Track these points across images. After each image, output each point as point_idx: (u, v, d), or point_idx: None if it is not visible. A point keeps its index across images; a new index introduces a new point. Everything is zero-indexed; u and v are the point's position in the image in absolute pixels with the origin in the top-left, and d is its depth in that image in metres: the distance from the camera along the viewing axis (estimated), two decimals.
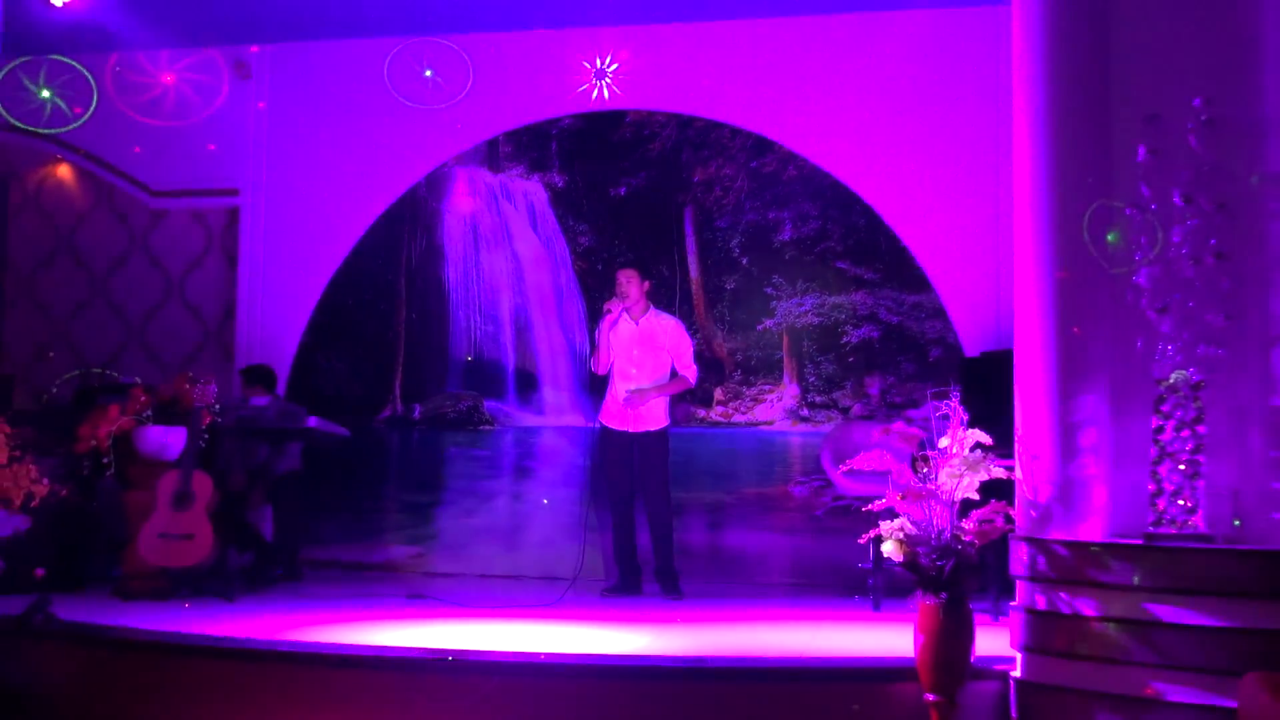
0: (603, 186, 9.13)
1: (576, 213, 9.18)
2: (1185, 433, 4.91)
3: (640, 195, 9.05)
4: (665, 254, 8.75)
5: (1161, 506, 4.95)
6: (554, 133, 9.21)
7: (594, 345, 7.70)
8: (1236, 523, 4.91)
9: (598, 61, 8.98)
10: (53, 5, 7.23)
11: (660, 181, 9.01)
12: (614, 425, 7.65)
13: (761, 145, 8.79)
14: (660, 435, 7.64)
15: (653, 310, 7.74)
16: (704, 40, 8.82)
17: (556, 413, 9.16)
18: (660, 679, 5.36)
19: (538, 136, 9.24)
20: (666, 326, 7.71)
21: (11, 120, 8.94)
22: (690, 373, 7.69)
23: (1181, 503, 4.91)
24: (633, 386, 7.54)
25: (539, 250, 9.26)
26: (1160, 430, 4.97)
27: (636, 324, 7.64)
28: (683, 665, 5.45)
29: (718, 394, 8.64)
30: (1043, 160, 5.37)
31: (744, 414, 8.76)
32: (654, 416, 7.62)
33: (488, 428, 9.22)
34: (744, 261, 8.81)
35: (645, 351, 7.60)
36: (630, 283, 7.64)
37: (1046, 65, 5.40)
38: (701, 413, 8.63)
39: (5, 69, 8.28)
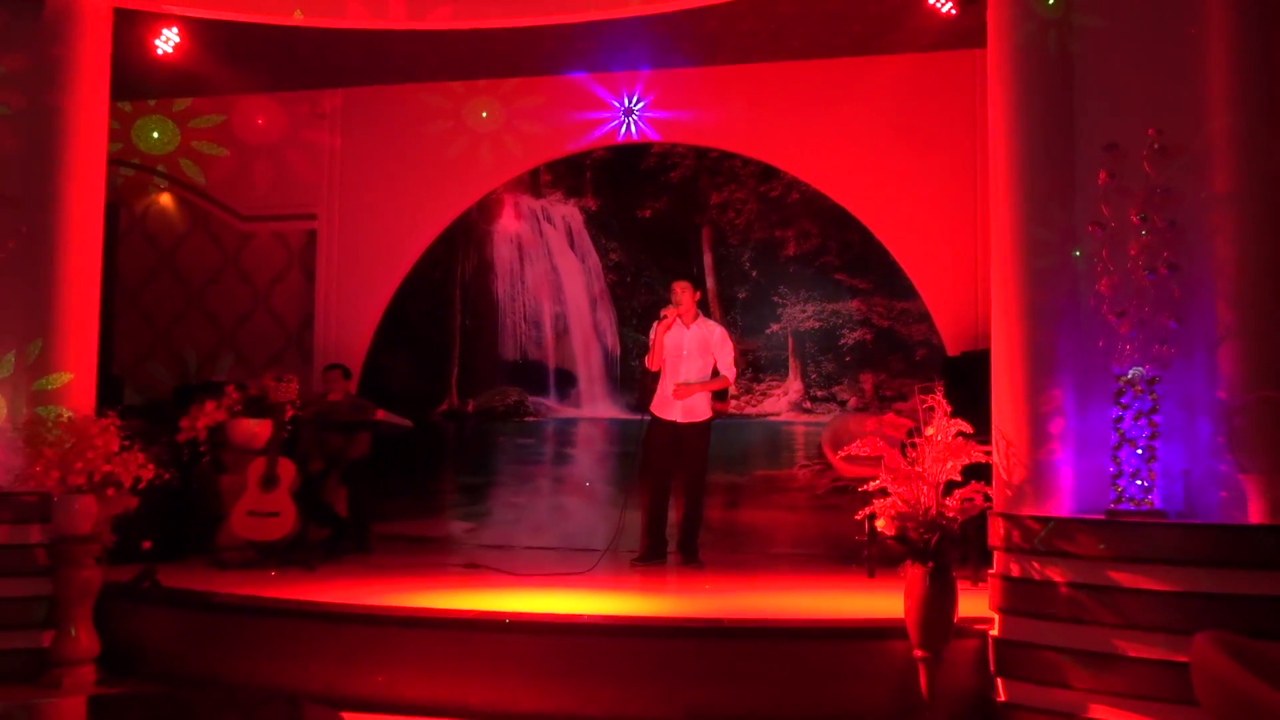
0: (630, 209, 9.13)
1: (607, 232, 9.18)
2: (1142, 421, 4.91)
3: (663, 217, 9.05)
4: (685, 268, 8.73)
5: (1121, 486, 4.95)
6: (588, 163, 9.22)
7: (650, 346, 7.65)
8: None
9: (626, 101, 8.99)
10: (154, 56, 7.25)
11: (680, 205, 9.00)
12: (663, 415, 7.61)
13: (769, 172, 8.78)
14: (705, 425, 7.59)
15: (701, 317, 7.69)
16: (718, 82, 8.81)
17: (591, 406, 9.16)
18: (683, 637, 5.37)
19: (573, 166, 9.25)
20: (713, 332, 7.64)
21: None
22: (731, 373, 7.63)
23: (1139, 483, 4.90)
24: (681, 381, 7.52)
25: (575, 265, 9.27)
26: (1120, 419, 4.96)
27: (687, 329, 7.60)
28: (703, 625, 5.44)
29: (731, 389, 8.63)
30: (1015, 183, 5.35)
31: (755, 407, 8.75)
32: (699, 409, 7.58)
33: (531, 419, 9.23)
34: (754, 274, 8.80)
35: (693, 353, 7.56)
36: (684, 292, 7.58)
37: (1017, 101, 5.39)
38: (717, 406, 8.61)
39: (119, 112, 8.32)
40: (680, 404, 7.51)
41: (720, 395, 8.19)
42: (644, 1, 6.81)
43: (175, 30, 7.13)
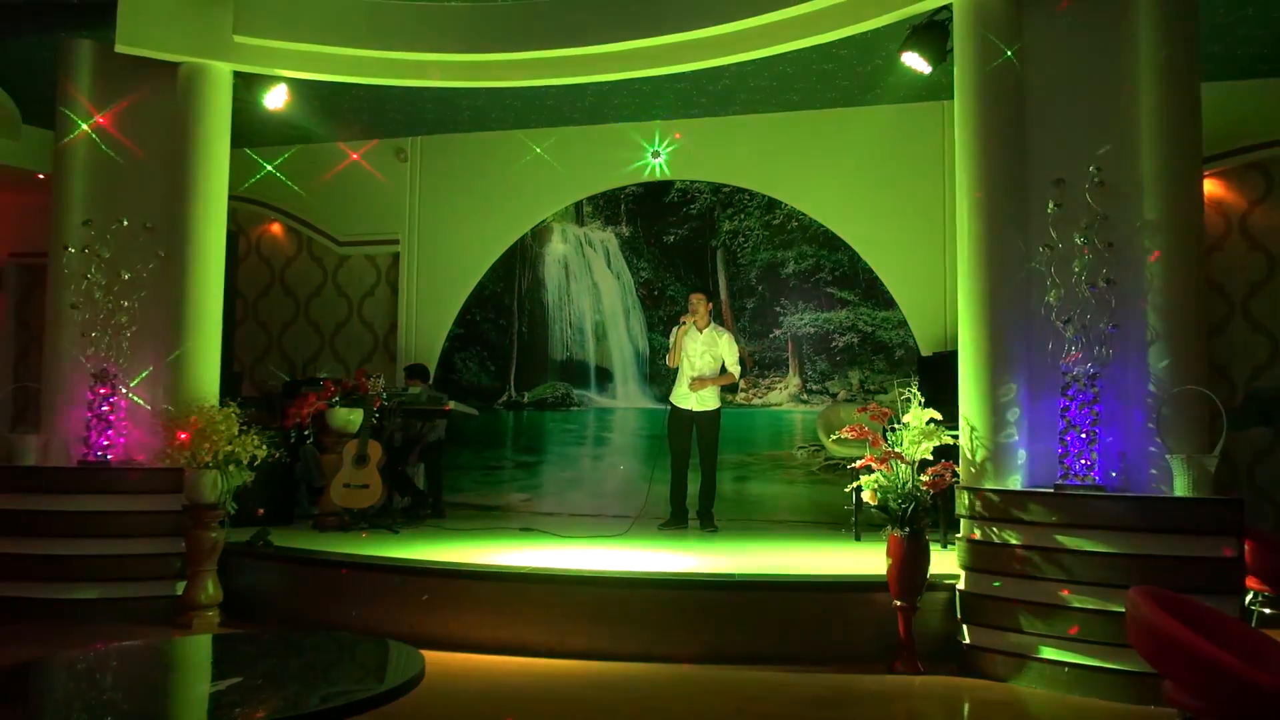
0: (657, 235, 9.12)
1: (638, 254, 9.18)
2: (1085, 411, 4.88)
3: (684, 241, 9.04)
4: (702, 283, 8.72)
5: (1068, 465, 4.92)
6: (622, 197, 9.21)
7: (670, 347, 7.65)
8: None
9: (654, 145, 8.98)
10: (265, 109, 7.31)
11: (699, 231, 8.99)
12: (681, 406, 7.61)
13: (772, 204, 8.75)
14: (715, 413, 7.57)
15: (713, 324, 7.67)
16: (730, 129, 8.79)
17: (625, 398, 9.16)
18: (701, 589, 5.38)
19: (610, 199, 9.25)
20: (721, 336, 7.62)
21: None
22: (736, 370, 7.61)
23: (1083, 462, 4.88)
24: (695, 376, 7.52)
25: (612, 281, 9.27)
26: (1067, 409, 4.93)
27: (700, 332, 7.59)
28: (718, 579, 5.45)
29: (741, 384, 8.60)
30: (976, 211, 5.32)
31: (760, 398, 8.72)
32: (711, 400, 7.57)
33: (576, 408, 9.24)
34: (760, 288, 8.78)
35: (704, 353, 7.56)
36: (699, 302, 7.58)
37: (979, 143, 5.36)
38: (729, 398, 8.60)
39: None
40: (695, 395, 7.50)
41: (729, 389, 8.17)
42: (669, 64, 6.81)
43: (284, 89, 7.18)
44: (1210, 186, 7.51)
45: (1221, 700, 2.88)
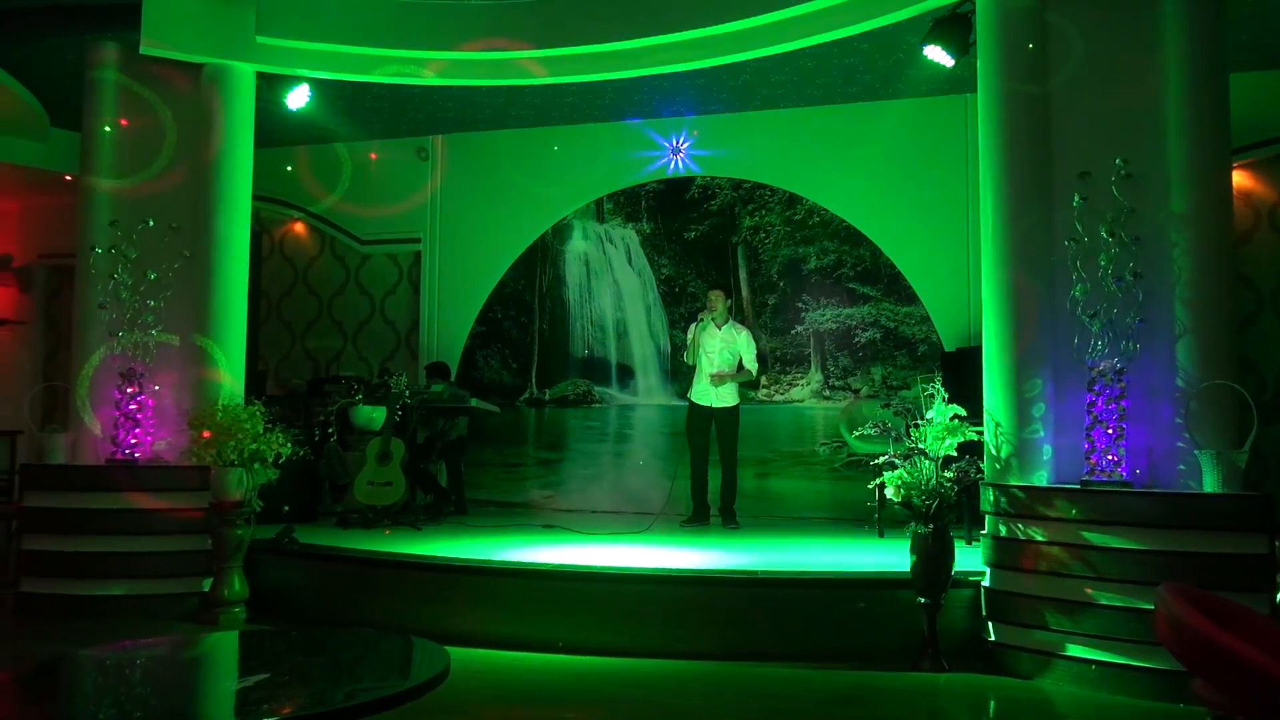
0: (678, 232, 9.10)
1: (659, 251, 9.17)
2: (1112, 406, 4.84)
3: (705, 237, 9.02)
4: (723, 280, 8.69)
5: (1094, 460, 4.88)
6: (643, 193, 9.20)
7: (688, 344, 7.63)
8: None
9: (674, 141, 8.97)
10: (287, 108, 7.34)
11: (720, 227, 8.96)
12: (700, 402, 7.59)
13: (793, 199, 8.71)
14: (734, 410, 7.55)
15: (731, 320, 7.65)
16: (751, 124, 8.75)
17: (646, 395, 9.15)
18: (723, 585, 5.36)
19: (631, 196, 9.24)
20: (740, 332, 7.59)
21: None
22: (754, 367, 7.59)
23: (1110, 458, 4.84)
24: (714, 372, 7.49)
25: (633, 278, 9.26)
26: (1093, 404, 4.89)
27: (718, 329, 7.57)
28: (740, 576, 5.42)
29: (762, 380, 8.57)
30: (1001, 205, 5.28)
31: (782, 395, 8.69)
32: (729, 397, 7.54)
33: (597, 405, 9.24)
34: (781, 284, 8.74)
35: (722, 350, 7.54)
36: (717, 299, 7.57)
37: (1002, 136, 5.32)
38: (751, 394, 8.57)
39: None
40: (714, 391, 7.48)
41: (750, 385, 8.14)
42: (689, 60, 6.79)
43: (306, 88, 7.21)
44: (1239, 178, 7.41)
45: (1252, 699, 2.84)
